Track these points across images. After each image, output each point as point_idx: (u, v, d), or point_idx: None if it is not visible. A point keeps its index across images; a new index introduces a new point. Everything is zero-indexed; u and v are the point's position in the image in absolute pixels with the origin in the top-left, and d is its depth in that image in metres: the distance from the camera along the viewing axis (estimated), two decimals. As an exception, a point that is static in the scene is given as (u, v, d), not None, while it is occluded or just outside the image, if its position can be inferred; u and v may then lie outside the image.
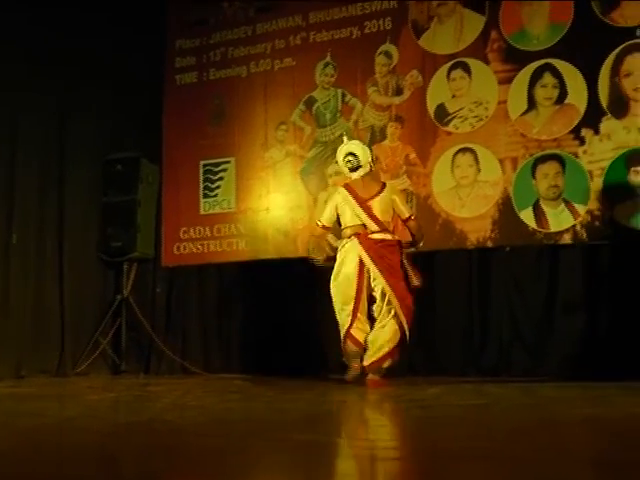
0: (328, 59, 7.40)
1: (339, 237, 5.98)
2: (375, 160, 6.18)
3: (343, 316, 5.71)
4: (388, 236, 5.73)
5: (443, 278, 6.85)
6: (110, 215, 7.75)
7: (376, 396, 5.16)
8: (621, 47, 6.32)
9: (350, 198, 5.79)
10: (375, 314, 5.69)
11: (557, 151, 6.47)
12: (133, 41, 7.79)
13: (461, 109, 6.82)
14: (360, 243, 5.67)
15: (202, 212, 7.79)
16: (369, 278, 5.68)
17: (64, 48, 7.36)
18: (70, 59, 7.42)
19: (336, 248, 5.99)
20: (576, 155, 6.39)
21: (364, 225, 5.73)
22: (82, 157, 7.68)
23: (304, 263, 7.21)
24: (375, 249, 5.66)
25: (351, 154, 5.86)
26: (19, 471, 2.40)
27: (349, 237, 5.75)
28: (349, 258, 5.70)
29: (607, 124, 6.33)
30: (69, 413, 4.42)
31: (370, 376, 5.63)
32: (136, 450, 2.83)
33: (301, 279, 7.28)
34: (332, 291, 5.76)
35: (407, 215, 5.86)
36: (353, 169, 5.86)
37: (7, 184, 7.02)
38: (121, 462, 2.60)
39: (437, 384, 5.68)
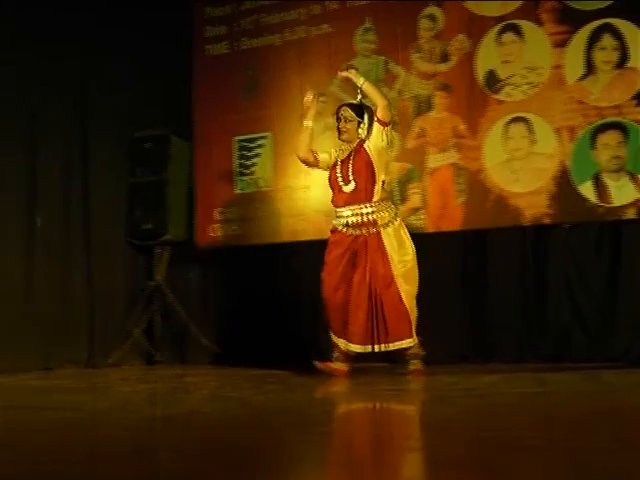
0: (368, 24, 7.36)
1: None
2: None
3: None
4: None
5: (496, 258, 6.83)
6: (139, 196, 7.79)
7: (427, 385, 5.18)
8: (689, 4, 6.24)
9: None
10: None
11: (619, 119, 6.40)
12: (158, 11, 7.81)
13: (513, 75, 6.77)
14: None
15: (237, 191, 7.82)
16: None
17: (83, 22, 7.39)
18: (91, 33, 7.46)
19: None
20: (640, 123, 6.34)
21: None
22: (107, 135, 7.72)
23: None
24: None
25: None
26: (50, 469, 2.44)
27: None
28: None
29: (674, 88, 6.27)
30: (102, 406, 4.49)
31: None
32: (173, 445, 2.87)
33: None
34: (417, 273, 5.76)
35: None
36: None
37: (28, 166, 7.09)
38: (157, 458, 2.64)
39: (492, 372, 5.69)
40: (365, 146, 5.80)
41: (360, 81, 5.79)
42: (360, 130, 5.86)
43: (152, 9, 7.76)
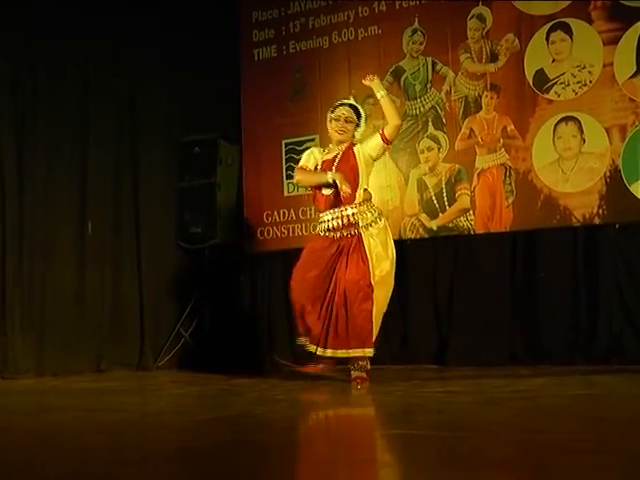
0: (416, 25, 7.35)
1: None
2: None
3: None
4: None
5: (546, 259, 6.77)
6: (188, 200, 7.84)
7: (477, 387, 5.15)
8: None
9: None
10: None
11: (671, 117, 6.35)
12: (206, 16, 7.85)
13: (562, 74, 6.72)
14: None
15: (286, 194, 7.85)
16: None
17: (133, 27, 7.47)
18: (140, 38, 7.54)
19: None
20: (693, 120, 6.26)
21: None
22: (156, 140, 7.80)
23: (396, 246, 7.22)
24: None
25: None
26: (100, 470, 2.48)
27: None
28: None
29: None
30: (152, 408, 4.54)
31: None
32: (222, 447, 2.89)
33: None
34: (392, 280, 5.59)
35: None
36: None
37: (79, 170, 7.19)
38: (206, 460, 2.66)
39: (542, 374, 5.65)
40: (355, 150, 5.68)
41: (380, 93, 5.61)
42: (356, 133, 5.76)
43: (201, 14, 7.80)
